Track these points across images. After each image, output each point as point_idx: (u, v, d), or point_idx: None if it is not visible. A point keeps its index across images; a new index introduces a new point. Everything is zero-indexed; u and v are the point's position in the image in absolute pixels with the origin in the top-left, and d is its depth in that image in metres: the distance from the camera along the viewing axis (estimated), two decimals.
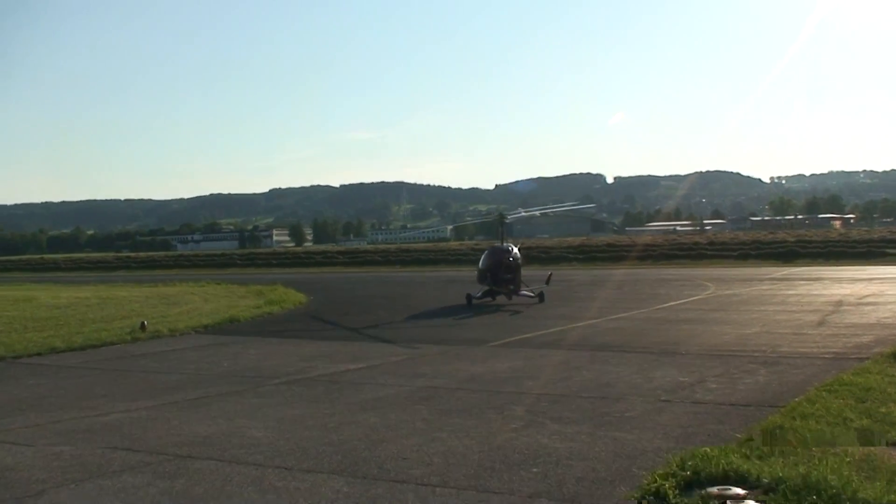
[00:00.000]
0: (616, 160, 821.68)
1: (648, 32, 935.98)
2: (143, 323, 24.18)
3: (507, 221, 37.16)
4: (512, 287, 31.39)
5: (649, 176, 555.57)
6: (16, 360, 19.45)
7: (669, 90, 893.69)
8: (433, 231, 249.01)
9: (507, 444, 9.83)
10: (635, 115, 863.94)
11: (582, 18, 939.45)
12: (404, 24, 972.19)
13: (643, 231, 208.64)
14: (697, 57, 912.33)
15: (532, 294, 31.47)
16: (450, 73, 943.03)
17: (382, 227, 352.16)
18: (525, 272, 33.63)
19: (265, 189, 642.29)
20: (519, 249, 33.57)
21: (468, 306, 30.66)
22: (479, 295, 32.02)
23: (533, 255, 73.96)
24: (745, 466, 8.00)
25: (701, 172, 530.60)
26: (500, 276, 31.57)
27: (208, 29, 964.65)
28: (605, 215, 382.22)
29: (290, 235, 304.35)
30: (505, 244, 33.68)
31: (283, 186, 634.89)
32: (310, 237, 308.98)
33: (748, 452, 8.49)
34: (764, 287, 35.40)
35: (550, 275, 35.53)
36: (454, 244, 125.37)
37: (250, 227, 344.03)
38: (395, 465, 9.02)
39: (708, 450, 8.52)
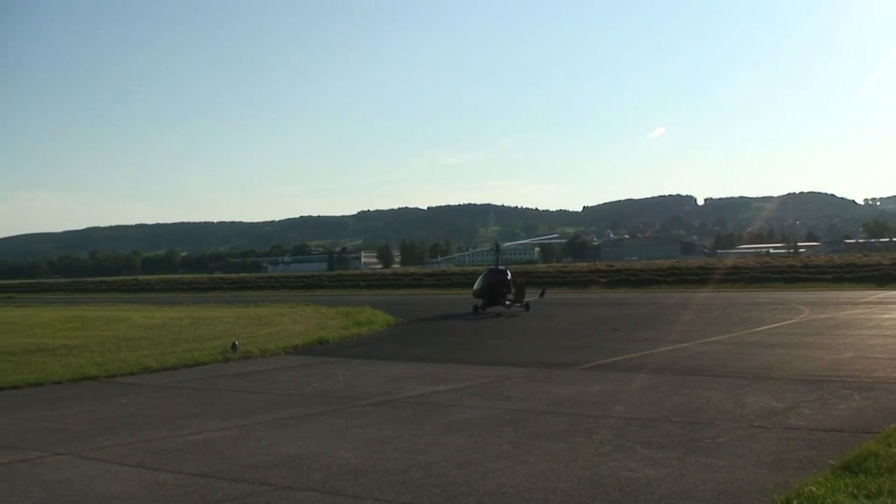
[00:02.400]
0: (707, 181, 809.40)
1: (740, 53, 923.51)
2: (234, 343, 24.59)
3: (501, 250, 46.15)
4: (507, 301, 39.87)
5: (741, 197, 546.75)
6: (110, 380, 19.90)
7: (762, 110, 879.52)
8: (520, 253, 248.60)
9: (601, 471, 9.69)
10: (726, 135, 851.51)
11: (670, 40, 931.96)
12: (492, 49, 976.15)
13: (735, 253, 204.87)
14: (790, 76, 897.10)
15: (520, 304, 40.21)
16: (536, 97, 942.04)
17: (470, 250, 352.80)
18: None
19: (354, 211, 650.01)
20: (511, 271, 43.51)
21: (475, 314, 38.87)
22: (481, 306, 39.78)
23: (622, 279, 73.65)
24: None
25: (794, 194, 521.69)
26: (498, 290, 39.98)
27: (299, 54, 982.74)
28: (695, 238, 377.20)
29: (377, 257, 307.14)
30: (500, 267, 42.68)
31: (372, 209, 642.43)
32: (398, 259, 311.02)
33: (856, 491, 8.14)
34: (858, 311, 34.51)
35: (543, 290, 48.37)
36: (542, 266, 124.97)
37: (339, 249, 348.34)
38: (494, 501, 8.67)
39: (814, 488, 8.17)
